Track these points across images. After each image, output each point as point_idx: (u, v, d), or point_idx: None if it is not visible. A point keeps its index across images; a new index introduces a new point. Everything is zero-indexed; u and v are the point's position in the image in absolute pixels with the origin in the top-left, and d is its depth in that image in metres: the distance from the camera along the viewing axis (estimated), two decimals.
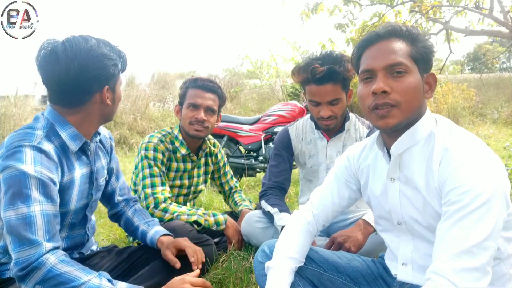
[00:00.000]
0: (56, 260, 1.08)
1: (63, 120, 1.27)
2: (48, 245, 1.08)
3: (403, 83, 0.98)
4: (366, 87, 1.02)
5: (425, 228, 1.03)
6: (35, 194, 1.10)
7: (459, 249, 0.83)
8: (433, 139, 1.00)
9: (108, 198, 1.60)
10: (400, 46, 1.00)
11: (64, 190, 1.25)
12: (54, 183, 1.17)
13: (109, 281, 1.12)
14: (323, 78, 1.69)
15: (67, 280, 1.05)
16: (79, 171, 1.31)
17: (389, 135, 1.06)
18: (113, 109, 1.36)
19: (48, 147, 1.19)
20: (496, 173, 0.89)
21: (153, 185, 1.89)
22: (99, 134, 1.44)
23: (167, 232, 1.55)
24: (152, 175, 1.90)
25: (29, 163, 1.11)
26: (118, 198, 1.60)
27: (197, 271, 1.36)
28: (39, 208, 1.10)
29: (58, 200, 1.19)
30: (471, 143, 0.95)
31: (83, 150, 1.34)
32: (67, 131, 1.26)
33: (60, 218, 1.24)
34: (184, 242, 1.51)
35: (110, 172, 1.56)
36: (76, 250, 1.43)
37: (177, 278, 1.25)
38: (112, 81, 1.31)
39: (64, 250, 1.33)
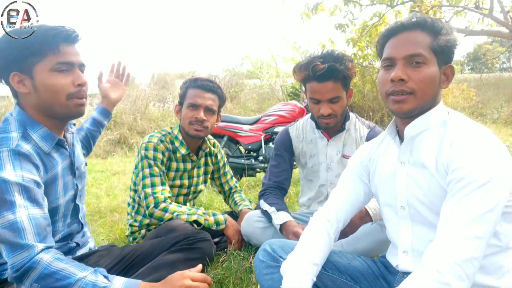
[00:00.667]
0: (51, 257, 1.07)
1: (32, 121, 1.21)
2: (40, 246, 1.07)
3: (421, 73, 1.04)
4: (386, 74, 1.09)
5: (428, 209, 1.06)
6: (19, 200, 1.07)
7: (464, 219, 0.89)
8: (446, 126, 1.06)
9: None
10: (422, 37, 1.06)
11: (49, 186, 1.23)
12: (38, 184, 1.14)
13: (105, 277, 1.10)
14: (323, 76, 1.69)
15: (63, 277, 1.04)
16: (60, 166, 1.30)
17: (403, 120, 1.12)
18: (43, 99, 1.19)
19: (27, 147, 1.15)
20: (503, 158, 0.94)
21: (153, 185, 1.88)
22: (74, 124, 1.43)
23: None
24: (152, 175, 1.90)
25: (9, 169, 1.07)
26: None
27: (199, 266, 1.32)
28: (25, 213, 1.07)
29: (45, 203, 1.16)
30: (483, 131, 1.00)
31: (59, 146, 1.31)
32: (37, 133, 1.21)
33: (53, 213, 1.24)
34: None
35: None
36: (72, 239, 1.42)
37: (178, 272, 1.21)
38: (21, 66, 1.17)
39: (61, 240, 1.34)
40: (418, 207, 1.08)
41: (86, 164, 1.53)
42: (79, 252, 1.45)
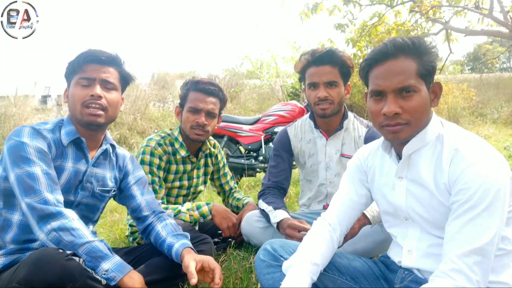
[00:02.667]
0: (75, 216, 1.25)
1: (68, 121, 1.44)
2: (50, 196, 1.24)
3: (413, 102, 1.03)
4: (377, 105, 1.07)
5: (430, 223, 1.08)
6: (35, 158, 1.28)
7: (473, 247, 0.91)
8: (442, 140, 1.06)
9: (134, 212, 1.58)
10: (407, 65, 1.03)
11: None
12: (48, 154, 1.33)
13: (108, 249, 1.25)
14: (321, 59, 1.78)
15: (77, 235, 1.20)
16: (71, 164, 1.41)
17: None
18: (69, 105, 1.42)
19: (47, 135, 1.37)
20: (503, 172, 0.96)
21: None
22: (111, 145, 1.55)
23: (192, 247, 1.47)
24: None
25: (26, 137, 1.31)
26: (145, 212, 1.56)
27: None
28: (40, 168, 1.28)
29: (53, 167, 1.33)
30: (478, 144, 1.01)
31: (80, 148, 1.44)
32: (65, 129, 1.42)
33: None
34: (214, 262, 1.40)
35: (127, 189, 1.58)
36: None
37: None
38: (68, 81, 1.44)
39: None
40: (421, 221, 1.10)
41: (109, 192, 1.54)
42: None
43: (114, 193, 1.57)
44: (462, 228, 0.94)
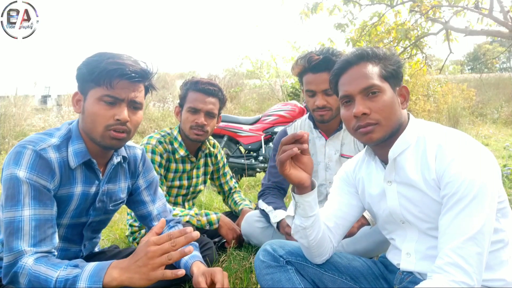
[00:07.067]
0: (32, 261, 1.07)
1: (77, 135, 1.26)
2: (28, 250, 1.09)
3: (379, 102, 1.08)
4: (348, 110, 1.13)
5: (427, 224, 1.08)
6: (26, 199, 1.12)
7: (464, 237, 0.93)
8: (424, 139, 1.08)
9: (143, 219, 1.52)
10: (370, 68, 1.11)
11: (60, 202, 1.23)
12: (47, 190, 1.16)
13: (75, 266, 1.09)
14: (318, 66, 1.73)
15: (44, 281, 1.05)
16: (80, 188, 1.27)
17: (377, 145, 1.15)
18: (85, 122, 1.23)
19: (52, 156, 1.18)
20: (487, 162, 0.99)
21: None
22: (124, 155, 1.39)
23: (202, 260, 1.41)
24: None
25: (23, 169, 1.12)
26: (156, 223, 1.48)
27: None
28: (29, 213, 1.11)
29: (52, 204, 1.18)
30: (461, 138, 1.04)
31: (91, 168, 1.30)
32: (73, 146, 1.24)
33: None
34: (222, 278, 1.29)
35: (137, 193, 1.49)
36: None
37: (142, 242, 1.11)
38: (83, 87, 1.23)
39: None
40: (417, 223, 1.10)
41: (121, 203, 1.46)
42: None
43: (124, 200, 1.49)
44: (453, 221, 0.95)
